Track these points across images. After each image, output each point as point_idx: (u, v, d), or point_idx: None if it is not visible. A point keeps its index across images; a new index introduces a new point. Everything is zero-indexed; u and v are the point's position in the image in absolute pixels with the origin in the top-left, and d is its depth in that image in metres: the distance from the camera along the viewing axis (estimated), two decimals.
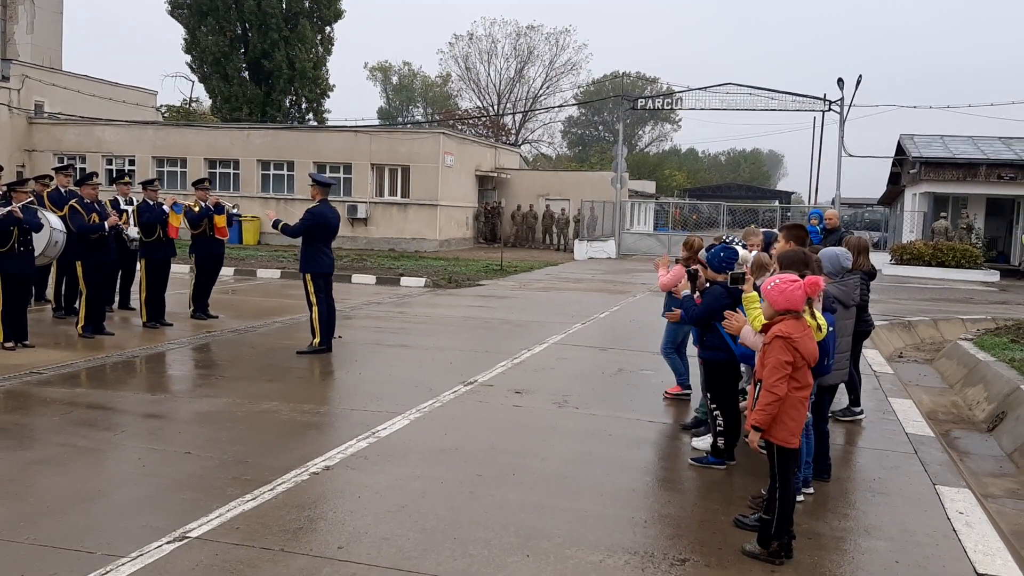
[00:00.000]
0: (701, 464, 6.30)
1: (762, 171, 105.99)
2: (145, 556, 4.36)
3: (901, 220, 32.51)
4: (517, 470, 6.00)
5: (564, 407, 7.90)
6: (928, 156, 29.85)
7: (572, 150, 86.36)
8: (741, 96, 32.09)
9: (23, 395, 7.85)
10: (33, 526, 4.73)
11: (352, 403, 7.91)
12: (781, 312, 4.66)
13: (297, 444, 6.46)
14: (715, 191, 61.94)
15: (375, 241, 30.38)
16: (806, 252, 5.67)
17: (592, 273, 23.73)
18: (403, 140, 31.73)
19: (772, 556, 4.60)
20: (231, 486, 5.42)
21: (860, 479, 6.23)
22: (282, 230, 10.09)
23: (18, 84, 33.26)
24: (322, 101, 46.02)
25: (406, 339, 11.56)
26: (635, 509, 5.38)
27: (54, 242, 10.80)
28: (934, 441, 7.27)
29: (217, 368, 9.42)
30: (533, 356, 10.40)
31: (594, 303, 16.27)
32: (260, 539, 4.62)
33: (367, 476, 5.74)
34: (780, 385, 4.53)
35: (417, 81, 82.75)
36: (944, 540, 5.01)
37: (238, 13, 41.72)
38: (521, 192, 37.01)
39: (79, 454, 6.12)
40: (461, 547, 4.63)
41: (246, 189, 31.33)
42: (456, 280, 19.44)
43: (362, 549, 4.55)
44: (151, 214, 11.55)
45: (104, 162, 32.30)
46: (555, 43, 69.46)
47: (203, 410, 7.43)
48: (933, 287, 23.01)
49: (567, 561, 4.51)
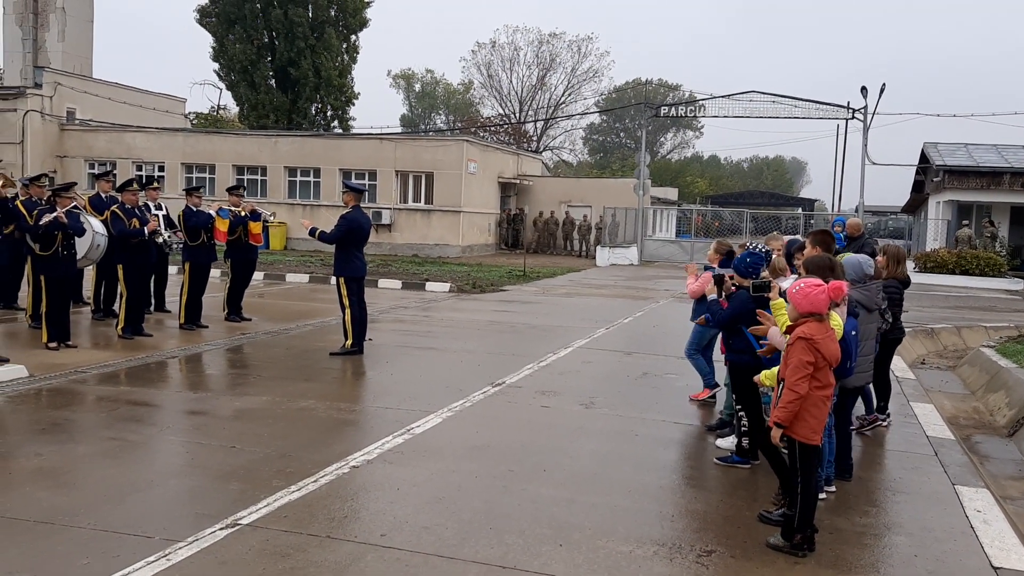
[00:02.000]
0: (726, 463, 6.51)
1: (785, 178, 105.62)
2: (200, 541, 4.63)
3: (925, 228, 32.48)
4: (548, 467, 6.23)
5: (591, 408, 8.13)
6: (952, 164, 29.83)
7: (593, 157, 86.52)
8: (764, 104, 32.18)
9: (70, 392, 8.17)
10: (93, 513, 5.01)
11: (386, 402, 8.17)
12: (805, 315, 4.86)
13: (336, 440, 6.74)
14: (738, 198, 61.88)
15: (399, 247, 30.72)
16: (831, 258, 5.86)
17: (615, 279, 23.92)
18: (427, 147, 32.08)
19: (795, 548, 4.80)
20: (276, 478, 5.69)
21: (881, 479, 6.42)
22: (319, 237, 10.36)
23: (50, 91, 33.91)
24: (347, 109, 46.49)
25: (434, 342, 11.82)
26: (662, 504, 5.60)
27: (96, 245, 11.14)
28: (954, 444, 7.43)
29: (254, 368, 9.72)
30: (559, 359, 10.62)
31: (617, 308, 16.48)
32: (307, 527, 4.88)
33: (405, 470, 5.99)
34: (802, 384, 4.73)
35: (440, 88, 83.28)
36: (962, 536, 5.19)
37: (265, 22, 42.30)
38: (543, 199, 37.26)
39: (129, 447, 6.42)
40: (497, 536, 4.86)
41: (273, 195, 31.78)
42: (480, 285, 19.71)
43: (404, 537, 4.79)
44: (197, 219, 11.91)
45: (134, 168, 32.83)
46: (577, 51, 69.60)
47: (244, 407, 7.71)
48: (957, 295, 23.01)
49: (598, 551, 4.73)
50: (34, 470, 5.78)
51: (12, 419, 7.22)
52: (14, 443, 6.40)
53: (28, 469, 5.79)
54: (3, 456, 6.06)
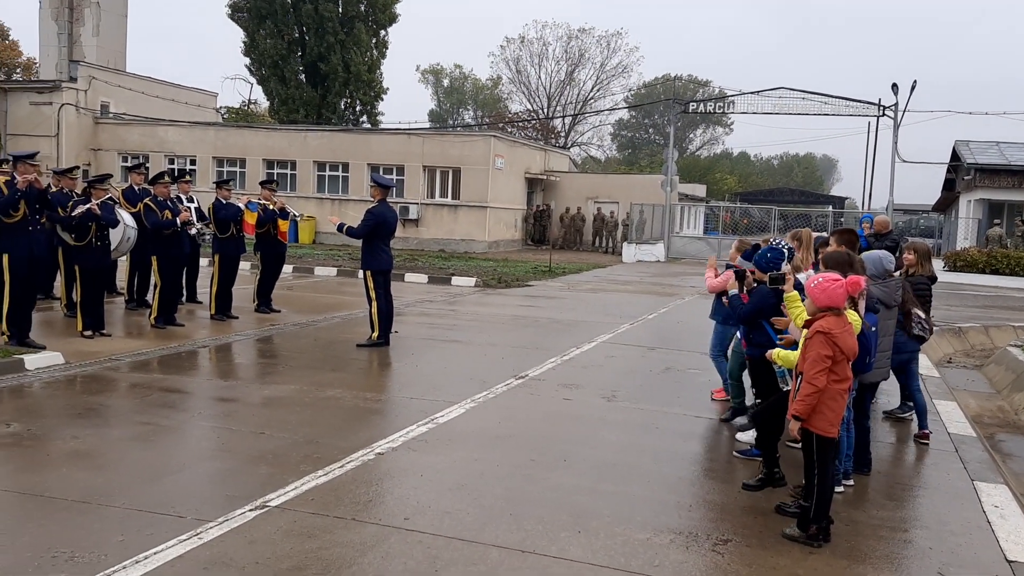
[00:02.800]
0: (745, 456, 6.58)
1: (815, 176, 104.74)
2: (231, 521, 4.79)
3: (955, 227, 32.19)
4: (568, 457, 6.34)
5: (613, 401, 8.22)
6: (983, 163, 29.55)
7: (622, 153, 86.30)
8: (794, 100, 32.01)
9: (104, 379, 8.40)
10: (127, 493, 5.20)
11: (411, 392, 8.32)
12: (823, 308, 4.93)
13: (362, 427, 6.90)
14: (767, 195, 61.47)
15: (425, 242, 30.93)
16: (850, 253, 5.92)
17: (640, 276, 23.95)
18: (454, 143, 32.24)
19: (811, 539, 4.87)
20: (304, 463, 5.85)
21: (899, 474, 6.46)
22: (347, 232, 10.53)
23: (85, 85, 34.48)
24: (376, 104, 46.76)
25: (459, 335, 11.96)
26: (681, 495, 5.69)
27: (126, 238, 11.31)
28: (975, 441, 7.45)
29: (283, 358, 9.91)
30: (582, 353, 10.72)
31: (642, 304, 16.53)
32: (333, 509, 5.03)
33: (428, 457, 6.13)
34: (820, 377, 4.81)
35: (468, 84, 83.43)
36: (977, 531, 5.24)
37: (296, 17, 42.66)
38: (570, 195, 37.32)
39: (162, 432, 6.61)
40: (517, 523, 4.98)
41: (302, 189, 32.11)
42: (505, 280, 19.83)
43: (426, 520, 4.93)
44: (227, 212, 12.14)
45: (166, 161, 33.29)
46: (606, 46, 69.32)
47: (272, 395, 7.89)
48: (986, 294, 22.81)
49: (616, 538, 4.83)
50: (71, 452, 5.98)
51: (49, 404, 7.45)
52: (52, 426, 6.62)
53: (65, 451, 6.00)
54: (42, 439, 6.28)
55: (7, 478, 5.46)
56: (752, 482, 5.88)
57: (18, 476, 5.50)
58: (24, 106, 33.97)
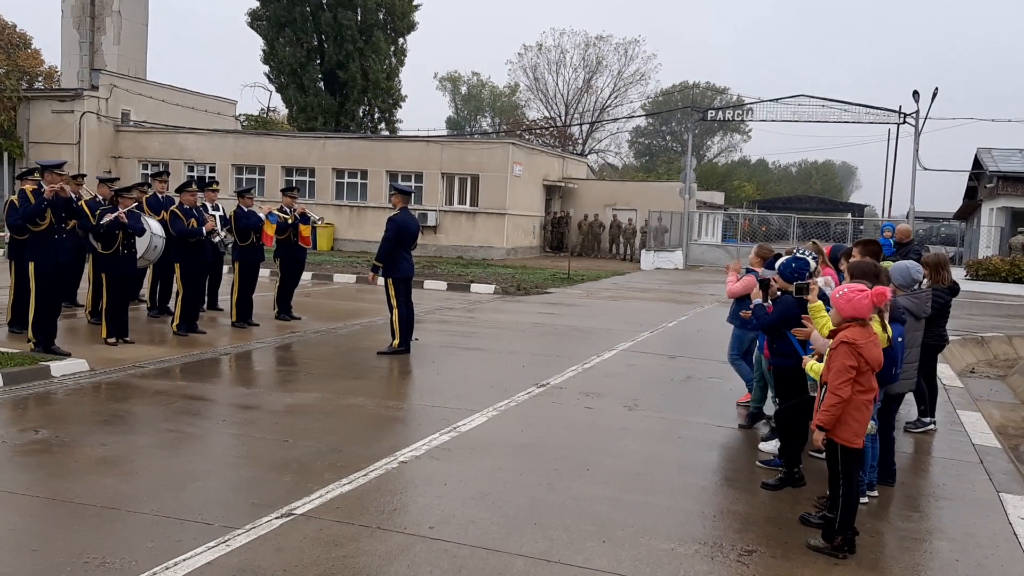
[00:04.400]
0: (768, 466, 6.56)
1: (835, 183, 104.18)
2: (258, 529, 4.83)
3: (977, 235, 31.92)
4: (591, 466, 6.34)
5: (635, 410, 8.22)
6: (1006, 170, 29.31)
7: (639, 160, 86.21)
8: (813, 108, 31.88)
9: (129, 386, 8.48)
10: (155, 500, 5.25)
11: (432, 400, 8.35)
12: (848, 319, 4.92)
13: (385, 436, 6.93)
14: (785, 203, 61.25)
15: (444, 248, 31.00)
16: (876, 264, 5.92)
17: (659, 283, 23.91)
18: (473, 150, 32.33)
19: (835, 550, 4.86)
20: (328, 471, 5.89)
21: (924, 485, 6.43)
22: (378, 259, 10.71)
23: (106, 93, 34.83)
24: (394, 111, 47.05)
25: (479, 343, 11.99)
26: (704, 505, 5.69)
27: (153, 247, 11.35)
28: (1000, 452, 7.39)
29: (304, 366, 9.96)
30: (603, 362, 10.72)
31: (662, 312, 16.51)
32: (359, 518, 5.06)
33: (451, 466, 6.16)
34: (844, 388, 4.80)
35: (485, 91, 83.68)
36: (1004, 542, 5.20)
37: (315, 25, 43.01)
38: (588, 202, 37.33)
39: (187, 439, 6.67)
40: (542, 532, 4.99)
41: (321, 196, 32.27)
42: (524, 287, 19.86)
43: (451, 530, 4.95)
44: (247, 221, 12.24)
45: (186, 169, 33.59)
46: (624, 53, 69.38)
47: (295, 403, 7.94)
48: (1009, 303, 22.61)
49: (640, 548, 4.84)
50: (98, 459, 6.05)
51: (75, 411, 7.53)
52: (78, 433, 6.69)
53: (93, 458, 6.06)
54: (69, 445, 6.35)
55: (38, 484, 5.53)
56: (772, 481, 5.93)
57: (48, 482, 5.56)
58: (46, 114, 34.37)
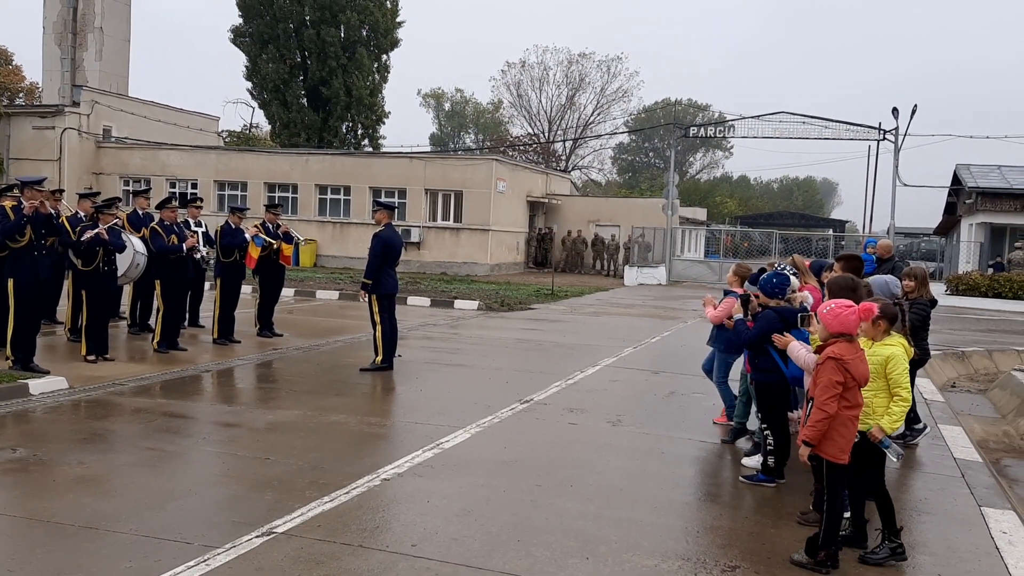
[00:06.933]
0: (751, 481, 6.57)
1: (816, 199, 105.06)
2: (238, 548, 4.78)
3: (957, 250, 32.21)
4: (575, 482, 6.32)
5: (618, 426, 8.21)
6: (985, 186, 29.60)
7: (622, 176, 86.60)
8: (794, 124, 32.18)
9: (109, 404, 8.39)
10: (134, 519, 5.18)
11: (415, 417, 8.31)
12: (835, 335, 4.94)
13: (367, 453, 6.89)
14: (767, 219, 61.58)
15: (427, 264, 30.97)
16: (854, 278, 5.95)
17: (642, 299, 23.97)
18: (456, 166, 32.39)
19: (819, 565, 4.86)
20: (309, 489, 5.84)
21: (907, 499, 6.44)
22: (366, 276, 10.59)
23: (87, 109, 34.70)
24: (378, 127, 47.01)
25: (462, 359, 11.96)
26: (688, 520, 5.68)
27: (135, 264, 11.21)
28: (982, 466, 7.43)
29: (286, 383, 9.90)
30: (586, 377, 10.72)
31: (645, 328, 16.53)
32: (340, 536, 5.02)
33: (434, 483, 6.12)
34: (831, 404, 4.81)
35: (469, 108, 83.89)
36: (986, 557, 5.22)
37: (298, 42, 42.98)
38: (571, 218, 37.44)
39: (167, 457, 6.60)
40: (525, 549, 4.97)
41: (304, 213, 32.21)
42: (508, 303, 19.85)
43: (434, 547, 4.92)
44: (232, 239, 12.18)
45: (168, 185, 33.40)
46: (606, 70, 69.71)
47: (277, 420, 7.89)
48: (989, 318, 22.81)
49: (624, 564, 4.82)
50: (77, 478, 5.97)
51: (54, 429, 7.44)
52: (57, 452, 6.61)
53: (72, 477, 5.99)
54: (48, 464, 6.27)
55: (15, 504, 5.45)
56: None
57: (26, 501, 5.49)
58: (27, 130, 34.18)
